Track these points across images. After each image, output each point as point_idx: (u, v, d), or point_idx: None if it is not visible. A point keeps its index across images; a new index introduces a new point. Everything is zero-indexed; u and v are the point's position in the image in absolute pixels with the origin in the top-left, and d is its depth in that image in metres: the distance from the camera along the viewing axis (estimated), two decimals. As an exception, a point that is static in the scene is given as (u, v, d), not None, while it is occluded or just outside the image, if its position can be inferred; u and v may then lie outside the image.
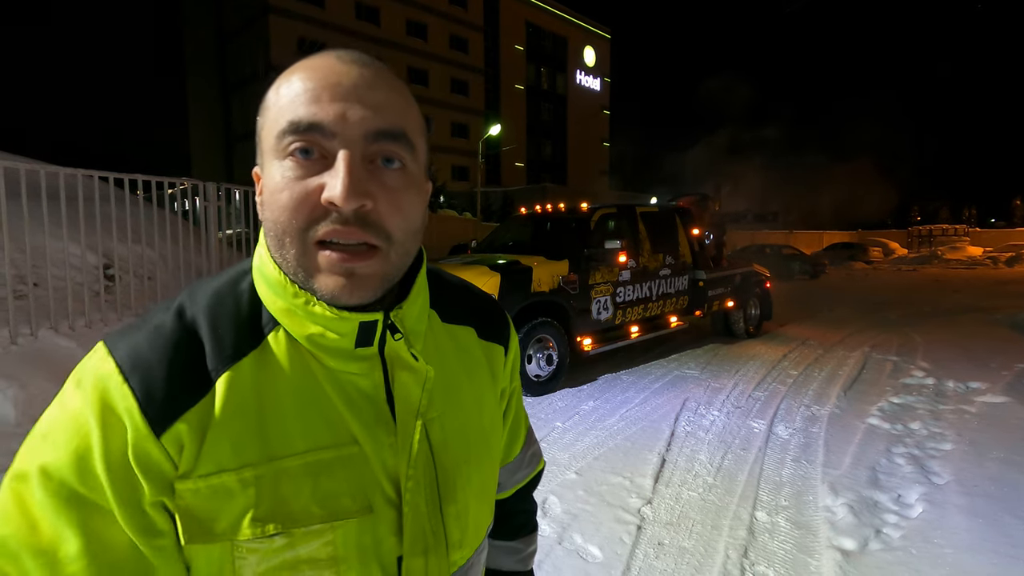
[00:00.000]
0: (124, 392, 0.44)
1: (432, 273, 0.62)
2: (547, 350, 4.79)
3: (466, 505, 0.56)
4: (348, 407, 0.49)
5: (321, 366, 0.49)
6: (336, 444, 0.48)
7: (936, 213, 52.99)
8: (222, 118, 34.68)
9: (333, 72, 0.46)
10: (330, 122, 0.45)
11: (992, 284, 14.76)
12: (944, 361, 5.58)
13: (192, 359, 0.47)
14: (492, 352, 0.65)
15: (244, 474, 0.45)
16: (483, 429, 0.60)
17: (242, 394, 0.46)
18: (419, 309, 0.55)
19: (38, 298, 3.79)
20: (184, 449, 0.44)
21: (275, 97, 0.47)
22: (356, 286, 0.46)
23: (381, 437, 0.50)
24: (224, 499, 0.44)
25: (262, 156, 0.48)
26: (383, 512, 0.50)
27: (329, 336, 0.48)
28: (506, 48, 41.78)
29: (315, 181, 0.45)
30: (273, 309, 0.49)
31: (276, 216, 0.46)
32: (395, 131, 0.47)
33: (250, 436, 0.46)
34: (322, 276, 0.46)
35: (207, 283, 0.52)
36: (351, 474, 0.48)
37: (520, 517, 0.79)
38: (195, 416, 0.45)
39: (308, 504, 0.47)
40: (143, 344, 0.46)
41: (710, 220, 7.19)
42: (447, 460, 0.55)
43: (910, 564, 2.23)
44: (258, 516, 0.45)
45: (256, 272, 0.52)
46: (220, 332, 0.48)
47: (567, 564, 2.27)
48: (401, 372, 0.51)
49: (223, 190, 5.36)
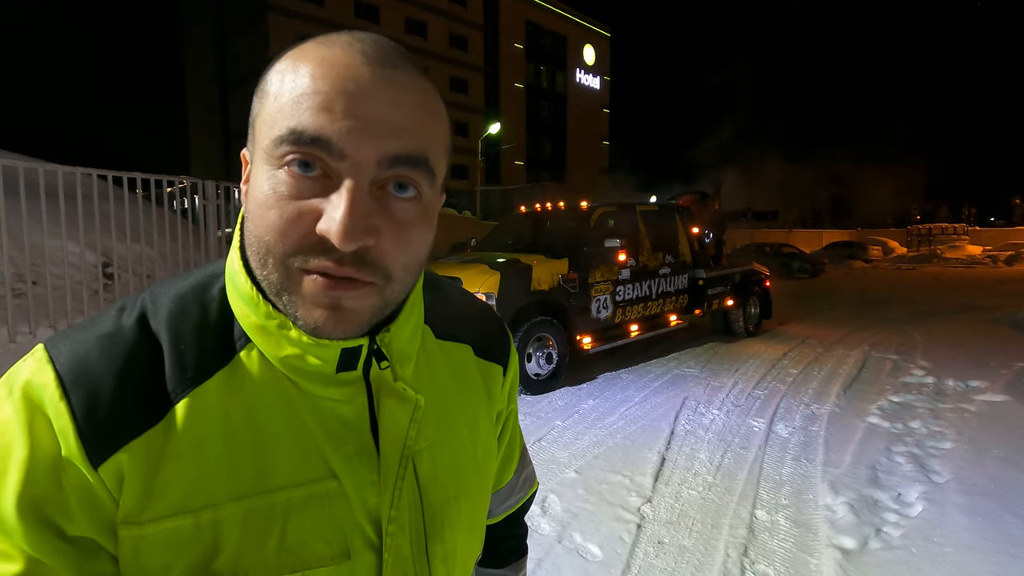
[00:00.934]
0: (60, 409, 0.37)
1: (429, 281, 0.55)
2: (547, 349, 4.79)
3: (454, 544, 0.50)
4: (327, 437, 0.43)
5: (298, 390, 0.43)
6: (312, 480, 0.42)
7: (935, 212, 53.04)
8: (221, 116, 34.65)
9: (353, 75, 0.38)
10: (340, 140, 0.37)
11: (991, 283, 14.75)
12: (944, 360, 5.58)
13: (150, 377, 0.40)
14: (489, 372, 0.59)
15: (202, 517, 0.39)
16: (476, 458, 0.55)
17: (206, 421, 0.40)
18: (411, 330, 0.48)
19: (37, 296, 3.79)
20: (125, 485, 0.38)
21: (278, 84, 0.39)
22: (342, 319, 0.40)
23: (363, 474, 0.44)
24: (178, 547, 0.38)
25: (253, 149, 0.41)
26: (362, 557, 0.44)
27: (308, 360, 0.42)
28: (506, 46, 41.75)
29: (311, 204, 0.38)
30: (245, 324, 0.43)
31: (260, 234, 0.39)
32: (416, 157, 0.40)
33: (213, 471, 0.39)
34: (305, 306, 0.40)
35: (170, 285, 0.45)
36: (327, 514, 0.42)
37: (510, 543, 0.73)
38: (143, 446, 0.38)
39: (277, 551, 0.40)
40: (93, 354, 0.39)
41: (710, 219, 7.19)
42: (435, 496, 0.49)
43: (910, 563, 2.23)
44: (218, 567, 0.39)
45: (229, 279, 0.44)
46: (183, 347, 0.41)
47: (567, 563, 2.26)
48: (388, 399, 0.45)
49: (222, 188, 5.35)
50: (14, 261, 3.82)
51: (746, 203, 9.50)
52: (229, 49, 33.40)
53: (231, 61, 33.29)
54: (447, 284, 0.62)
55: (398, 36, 33.41)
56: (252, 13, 30.22)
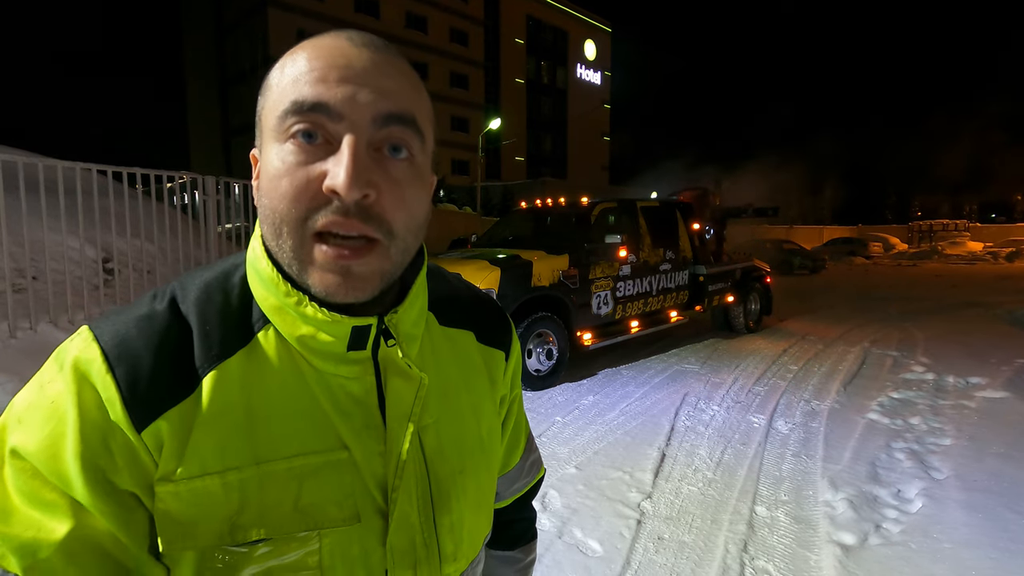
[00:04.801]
0: (107, 382, 0.42)
1: (432, 272, 0.59)
2: (547, 345, 4.79)
3: (461, 516, 0.54)
4: (337, 412, 0.47)
5: (311, 368, 0.47)
6: (325, 449, 0.46)
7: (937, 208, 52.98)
8: (221, 112, 34.56)
9: (342, 53, 0.44)
10: (337, 103, 0.42)
11: (992, 279, 14.75)
12: (944, 356, 5.58)
13: (181, 354, 0.44)
14: (492, 357, 0.62)
15: (228, 478, 0.43)
16: (480, 438, 0.58)
17: (229, 394, 0.44)
18: (416, 313, 0.52)
19: (37, 292, 3.79)
20: (164, 448, 0.42)
21: (278, 76, 0.45)
22: (352, 284, 0.44)
23: (370, 444, 0.48)
24: (206, 504, 0.42)
25: (261, 139, 0.46)
26: (372, 522, 0.48)
27: (320, 338, 0.46)
28: (506, 41, 41.60)
29: (317, 168, 0.42)
30: (264, 306, 0.47)
31: (274, 204, 0.43)
32: (406, 115, 0.45)
33: (236, 438, 0.44)
34: (317, 272, 0.44)
35: (198, 275, 0.50)
36: (339, 481, 0.46)
37: (519, 526, 0.76)
38: (178, 414, 0.43)
39: (293, 511, 0.45)
40: (132, 333, 0.44)
41: (710, 215, 7.18)
42: (442, 469, 0.52)
43: (909, 559, 2.24)
44: (242, 522, 0.43)
45: (249, 266, 0.49)
46: (208, 328, 0.46)
47: (567, 558, 2.27)
48: (394, 378, 0.49)
49: (222, 184, 5.34)
50: (14, 256, 3.82)
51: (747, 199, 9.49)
52: (229, 44, 33.27)
53: (231, 56, 33.17)
54: (450, 275, 0.65)
55: (398, 31, 33.32)
56: (251, 8, 30.08)
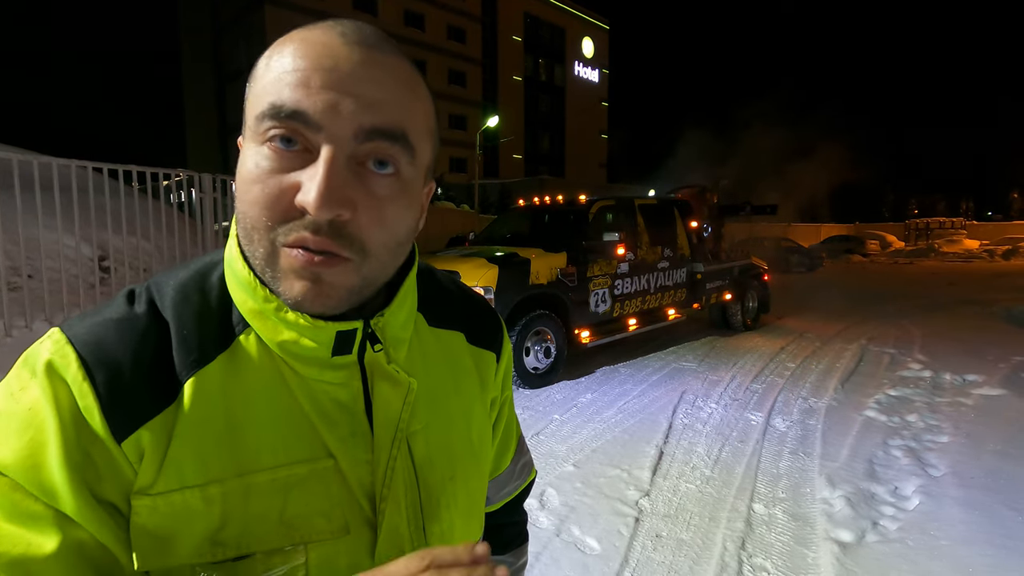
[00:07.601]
0: (84, 389, 0.39)
1: (423, 271, 0.57)
2: (545, 342, 4.79)
3: (451, 524, 0.52)
4: (322, 419, 0.45)
5: (294, 374, 0.45)
6: (310, 458, 0.44)
7: (933, 206, 53.11)
8: (218, 109, 34.45)
9: (330, 53, 0.40)
10: (316, 113, 0.39)
11: (989, 277, 14.80)
12: (941, 354, 5.60)
13: (161, 359, 0.42)
14: (482, 359, 0.60)
15: (210, 491, 0.41)
16: (471, 442, 0.56)
17: (209, 402, 0.42)
18: (405, 316, 0.50)
19: (32, 290, 3.77)
20: (144, 459, 0.40)
21: (263, 68, 0.41)
22: (321, 293, 0.41)
23: (357, 453, 0.46)
24: (185, 518, 0.40)
25: (244, 131, 0.43)
26: (360, 533, 0.45)
27: (303, 344, 0.43)
28: (504, 39, 41.51)
29: (291, 178, 0.39)
30: (243, 310, 0.44)
31: (245, 209, 0.41)
32: (393, 130, 0.41)
33: (217, 449, 0.41)
34: (287, 279, 0.41)
35: (172, 274, 0.47)
36: (325, 491, 0.44)
37: (510, 530, 0.74)
38: (160, 424, 0.40)
39: (279, 524, 0.42)
40: (110, 337, 0.41)
41: (708, 212, 7.18)
42: (431, 477, 0.50)
43: (907, 556, 2.24)
44: (223, 537, 0.41)
45: (227, 266, 0.46)
46: (186, 332, 0.43)
47: (565, 556, 2.27)
48: (381, 383, 0.47)
49: (219, 181, 5.31)
50: (9, 254, 3.80)
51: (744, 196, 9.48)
52: (226, 41, 33.17)
53: (228, 53, 33.06)
54: (441, 274, 0.63)
55: (396, 28, 33.21)
56: (249, 5, 29.99)
